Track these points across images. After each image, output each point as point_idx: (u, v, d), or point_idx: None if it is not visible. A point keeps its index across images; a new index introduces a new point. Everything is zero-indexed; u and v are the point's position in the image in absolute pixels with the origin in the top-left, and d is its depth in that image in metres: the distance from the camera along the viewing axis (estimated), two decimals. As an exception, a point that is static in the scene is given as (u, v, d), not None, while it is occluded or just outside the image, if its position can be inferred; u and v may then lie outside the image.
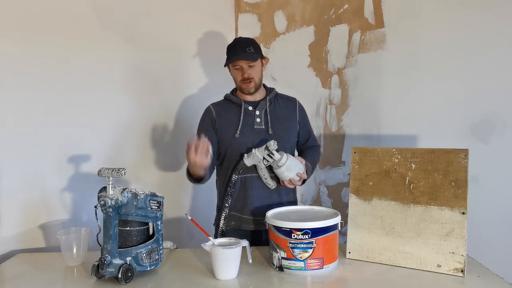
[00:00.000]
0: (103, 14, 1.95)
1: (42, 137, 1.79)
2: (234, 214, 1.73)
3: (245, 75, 1.71)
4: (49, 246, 1.79)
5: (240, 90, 1.77)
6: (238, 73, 1.73)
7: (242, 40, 1.79)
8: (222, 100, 1.83)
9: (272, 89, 1.83)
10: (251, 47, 1.72)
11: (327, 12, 2.34)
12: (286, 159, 1.59)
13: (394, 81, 2.23)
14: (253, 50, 1.71)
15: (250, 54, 1.70)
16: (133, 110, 2.06)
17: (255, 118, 1.73)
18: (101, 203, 1.24)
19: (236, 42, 1.77)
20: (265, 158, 1.58)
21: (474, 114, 2.08)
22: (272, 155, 1.57)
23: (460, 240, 1.30)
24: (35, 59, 1.77)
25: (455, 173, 1.34)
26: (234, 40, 1.80)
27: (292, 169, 1.61)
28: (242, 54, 1.69)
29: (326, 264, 1.34)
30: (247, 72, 1.71)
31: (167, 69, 2.17)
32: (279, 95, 1.84)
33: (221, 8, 2.36)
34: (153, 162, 2.15)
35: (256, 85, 1.74)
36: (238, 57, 1.69)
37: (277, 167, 1.60)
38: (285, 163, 1.59)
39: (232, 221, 1.73)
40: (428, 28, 2.15)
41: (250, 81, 1.72)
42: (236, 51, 1.71)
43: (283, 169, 1.60)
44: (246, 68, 1.71)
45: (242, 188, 1.71)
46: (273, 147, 1.55)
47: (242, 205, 1.72)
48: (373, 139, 2.28)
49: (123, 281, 1.26)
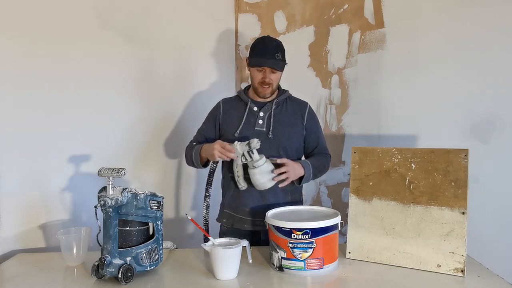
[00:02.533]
0: (103, 14, 1.95)
1: (42, 137, 1.79)
2: (227, 212, 1.75)
3: (266, 79, 1.68)
4: (49, 246, 1.79)
5: (255, 91, 1.76)
6: (259, 74, 1.70)
7: (272, 43, 1.71)
8: (234, 96, 1.84)
9: (284, 92, 1.80)
10: (280, 53, 1.68)
11: (327, 12, 2.34)
12: (263, 162, 1.56)
13: (394, 81, 2.23)
14: (281, 57, 1.68)
15: (277, 62, 1.67)
16: (133, 110, 2.06)
17: (258, 119, 1.73)
18: (101, 203, 1.24)
19: (266, 44, 1.70)
20: (244, 155, 1.56)
21: (474, 114, 2.07)
22: (251, 153, 1.55)
23: (460, 240, 1.30)
24: (35, 59, 1.77)
25: (455, 173, 1.34)
26: (263, 40, 1.73)
27: (264, 175, 1.57)
28: (270, 60, 1.65)
29: (326, 264, 1.34)
30: (268, 77, 1.68)
31: (167, 69, 2.17)
32: (291, 98, 1.82)
33: (221, 8, 2.36)
34: (153, 162, 2.15)
35: (273, 90, 1.74)
36: (265, 63, 1.65)
37: (252, 167, 1.57)
38: (261, 166, 1.56)
39: (225, 218, 1.76)
40: (428, 28, 2.15)
41: (269, 86, 1.71)
42: (264, 54, 1.66)
43: (256, 171, 1.56)
44: (269, 73, 1.68)
45: (236, 187, 1.72)
46: (255, 145, 1.53)
47: (236, 204, 1.72)
48: (373, 139, 2.28)
49: (123, 281, 1.26)
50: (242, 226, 1.72)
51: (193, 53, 2.26)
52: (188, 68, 2.25)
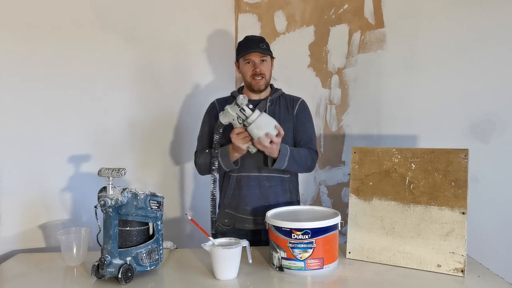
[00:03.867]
0: (103, 14, 1.95)
1: (42, 137, 1.79)
2: (228, 212, 1.75)
3: (257, 70, 1.70)
4: (49, 246, 1.79)
5: (249, 87, 1.76)
6: (249, 68, 1.72)
7: (254, 37, 1.79)
8: (228, 97, 1.84)
9: (277, 90, 1.82)
10: (264, 43, 1.73)
11: (327, 12, 2.34)
12: (257, 116, 1.51)
13: (394, 81, 2.23)
14: (265, 47, 1.73)
15: (263, 49, 1.71)
16: (133, 110, 2.06)
17: None
18: (101, 203, 1.24)
19: (248, 39, 1.77)
20: (239, 116, 1.52)
21: (474, 114, 2.07)
22: (243, 111, 1.50)
23: (460, 240, 1.30)
24: (35, 58, 1.77)
25: (455, 173, 1.34)
26: (245, 38, 1.79)
27: (261, 127, 1.51)
28: (255, 48, 1.69)
29: (326, 264, 1.34)
30: (259, 67, 1.70)
31: (167, 69, 2.17)
32: (285, 95, 1.83)
33: (221, 8, 2.36)
34: (153, 162, 2.15)
35: (266, 82, 1.75)
36: (251, 50, 1.69)
37: (248, 124, 1.51)
38: (256, 120, 1.50)
39: (226, 218, 1.75)
40: (428, 28, 2.14)
41: (262, 77, 1.71)
42: (249, 45, 1.71)
43: (252, 126, 1.51)
44: (258, 63, 1.71)
45: (237, 186, 1.72)
46: (241, 101, 1.48)
47: (237, 203, 1.72)
48: (373, 139, 2.28)
49: (123, 281, 1.26)
50: (243, 226, 1.72)
51: (193, 53, 2.26)
52: (188, 68, 2.25)
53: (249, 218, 1.71)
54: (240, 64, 1.76)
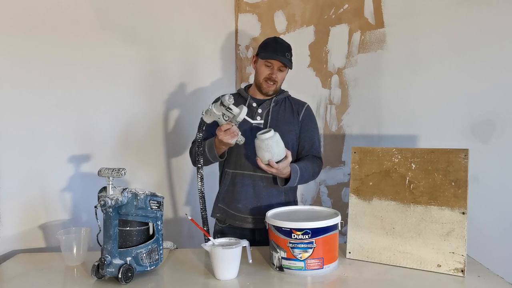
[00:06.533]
0: (103, 13, 1.95)
1: (42, 137, 1.79)
2: (221, 206, 1.77)
3: (273, 76, 1.71)
4: (49, 246, 1.79)
5: (258, 87, 1.76)
6: (266, 70, 1.72)
7: (283, 42, 1.75)
8: (234, 93, 1.84)
9: (283, 91, 1.82)
10: (289, 54, 1.73)
11: (327, 12, 2.34)
12: (245, 114, 1.51)
13: (394, 81, 2.23)
14: (290, 57, 1.73)
15: (287, 60, 1.71)
16: (133, 110, 2.06)
17: (256, 115, 1.74)
18: (101, 203, 1.24)
19: (278, 41, 1.75)
20: (224, 114, 1.50)
21: (474, 114, 2.07)
22: (230, 110, 1.49)
23: (460, 240, 1.30)
24: (35, 58, 1.77)
25: (455, 173, 1.34)
26: (275, 38, 1.77)
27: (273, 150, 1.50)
28: (281, 56, 1.69)
29: (326, 264, 1.34)
30: (275, 73, 1.71)
31: (167, 69, 2.17)
32: (291, 98, 1.83)
33: (221, 8, 2.36)
34: (153, 162, 2.15)
35: (276, 89, 1.76)
36: (277, 57, 1.68)
37: (236, 123, 1.51)
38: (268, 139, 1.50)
39: (219, 213, 1.77)
40: (428, 28, 2.15)
41: (274, 83, 1.72)
42: (276, 50, 1.70)
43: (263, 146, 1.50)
44: (276, 70, 1.71)
45: (231, 183, 1.73)
46: (227, 101, 1.46)
47: (230, 199, 1.74)
48: (373, 139, 2.28)
49: (123, 281, 1.26)
50: (234, 223, 1.73)
51: (193, 53, 2.26)
52: (188, 68, 2.25)
53: (239, 216, 1.71)
54: (258, 61, 1.74)
